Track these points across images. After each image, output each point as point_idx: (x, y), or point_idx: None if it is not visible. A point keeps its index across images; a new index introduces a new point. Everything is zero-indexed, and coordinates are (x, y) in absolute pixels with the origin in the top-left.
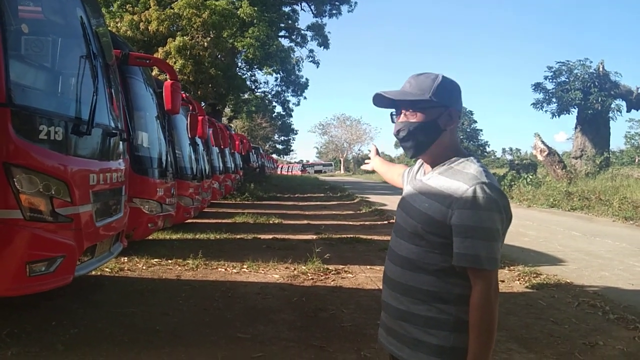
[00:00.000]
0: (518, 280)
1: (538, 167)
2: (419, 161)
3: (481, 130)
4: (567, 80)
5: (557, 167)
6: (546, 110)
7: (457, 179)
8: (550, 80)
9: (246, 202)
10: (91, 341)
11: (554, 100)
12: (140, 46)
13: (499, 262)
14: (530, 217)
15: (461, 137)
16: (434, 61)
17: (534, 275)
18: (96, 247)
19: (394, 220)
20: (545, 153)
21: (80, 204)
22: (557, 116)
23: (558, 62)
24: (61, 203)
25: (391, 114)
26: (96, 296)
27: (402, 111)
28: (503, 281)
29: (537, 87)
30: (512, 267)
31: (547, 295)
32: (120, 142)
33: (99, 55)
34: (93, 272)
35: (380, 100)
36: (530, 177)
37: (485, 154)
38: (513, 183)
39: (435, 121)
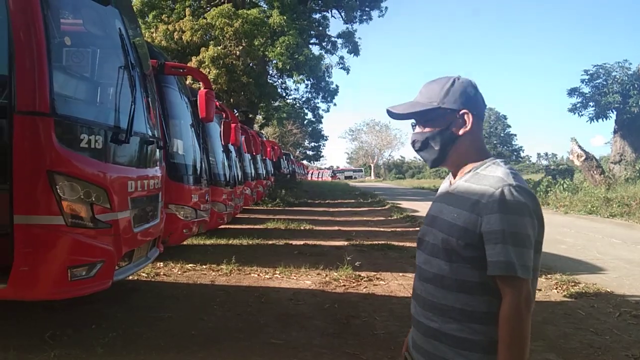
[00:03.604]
0: (555, 288)
1: (575, 173)
2: (448, 175)
3: (515, 135)
4: (604, 83)
5: (595, 172)
6: (582, 115)
7: (484, 183)
8: (587, 84)
9: (277, 208)
10: (129, 345)
11: (591, 104)
12: (175, 56)
13: (531, 271)
14: (567, 224)
15: (494, 142)
16: (466, 64)
17: (572, 283)
18: (134, 253)
19: None
20: (583, 158)
21: (119, 210)
22: (594, 120)
23: (595, 65)
24: (101, 209)
25: (412, 124)
26: (133, 300)
27: (417, 121)
28: (540, 289)
29: (573, 91)
30: (549, 275)
31: (586, 304)
32: (157, 150)
33: (137, 65)
34: (130, 277)
35: (395, 114)
36: (567, 182)
37: (520, 159)
38: (549, 189)
39: (448, 128)
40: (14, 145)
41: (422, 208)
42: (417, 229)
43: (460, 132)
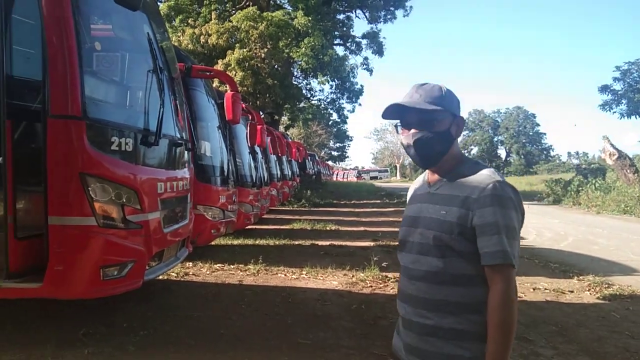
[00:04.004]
0: (588, 290)
1: (607, 172)
2: (417, 180)
3: (544, 133)
4: (637, 79)
5: (628, 171)
6: (614, 112)
7: (471, 180)
8: (619, 81)
9: (303, 209)
10: (159, 343)
11: (623, 101)
12: (201, 59)
13: (517, 261)
14: (599, 224)
15: (523, 140)
16: (491, 63)
17: (606, 285)
18: (164, 253)
19: None
20: (615, 157)
21: (150, 211)
22: (626, 117)
23: (627, 62)
24: (132, 210)
25: (396, 126)
26: (163, 300)
27: (414, 122)
28: (572, 291)
29: (605, 89)
30: (581, 277)
31: (621, 307)
32: (186, 152)
33: (165, 69)
34: (160, 277)
35: (390, 113)
36: (599, 182)
37: (550, 158)
38: (580, 188)
39: (448, 130)
40: (48, 148)
41: None
42: None
43: (456, 135)
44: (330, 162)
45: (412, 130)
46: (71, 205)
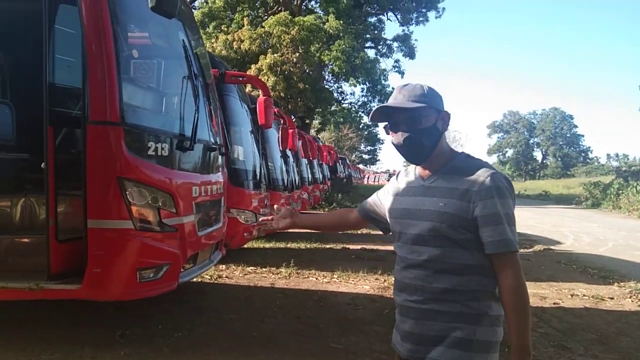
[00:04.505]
0: (630, 297)
1: None
2: (402, 171)
3: (582, 135)
4: None
5: None
6: None
7: (469, 173)
8: None
9: None
10: (194, 345)
11: None
12: (234, 64)
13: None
14: None
15: (560, 142)
16: (526, 63)
17: None
18: (198, 255)
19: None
20: None
21: (185, 214)
22: None
23: None
24: (167, 214)
25: (385, 127)
26: (198, 302)
27: (401, 121)
28: (612, 298)
29: None
30: (622, 283)
31: None
32: (219, 156)
33: (200, 75)
34: (195, 279)
35: (377, 116)
36: None
37: (588, 160)
38: (621, 192)
39: (435, 125)
40: (87, 154)
41: None
42: None
43: (442, 129)
44: (361, 166)
45: (400, 131)
46: (109, 208)
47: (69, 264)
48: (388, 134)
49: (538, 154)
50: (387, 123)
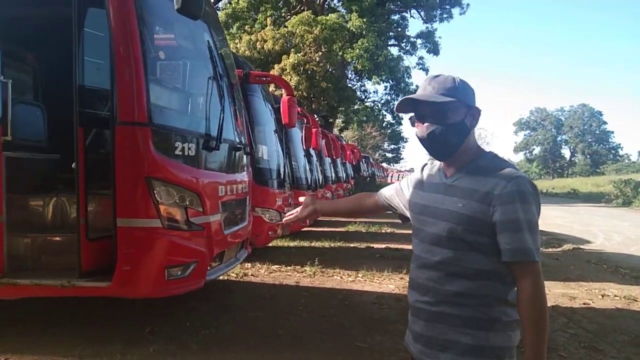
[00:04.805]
0: None
1: None
2: (428, 164)
3: (612, 132)
4: None
5: None
6: None
7: (492, 175)
8: None
9: None
10: (221, 343)
11: None
12: (258, 64)
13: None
14: None
15: (589, 139)
16: (553, 59)
17: None
18: (224, 254)
19: None
20: None
21: (211, 213)
22: None
23: None
24: (194, 213)
25: (410, 118)
26: (224, 300)
27: (427, 114)
28: None
29: None
30: None
31: None
32: (244, 156)
33: (225, 75)
34: (221, 277)
35: (403, 106)
36: None
37: (618, 157)
38: None
39: (463, 121)
40: (116, 154)
41: None
42: None
43: (471, 126)
44: (384, 164)
45: (426, 123)
46: (138, 207)
47: (99, 262)
48: (413, 125)
49: (566, 152)
50: (412, 114)
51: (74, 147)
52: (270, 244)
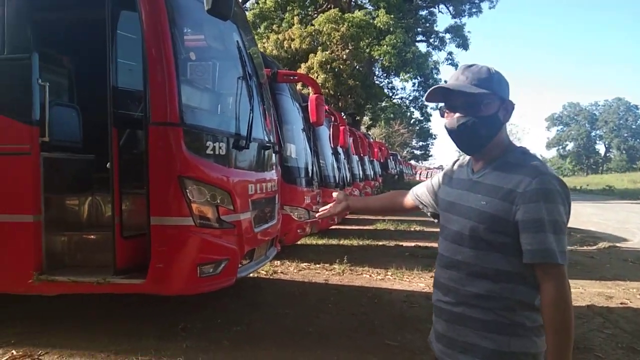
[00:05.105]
0: None
1: None
2: (458, 161)
3: None
4: None
5: None
6: None
7: (517, 172)
8: None
9: None
10: (251, 339)
11: None
12: (285, 63)
13: (567, 257)
14: None
15: (625, 134)
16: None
17: None
18: (254, 251)
19: None
20: None
21: (241, 211)
22: None
23: None
24: (225, 211)
25: (440, 108)
26: (254, 297)
27: (459, 105)
28: None
29: None
30: None
31: None
32: (273, 154)
33: (254, 75)
34: (251, 274)
35: (434, 96)
36: None
37: None
38: None
39: (496, 114)
40: (149, 154)
41: None
42: None
43: (504, 120)
44: (412, 162)
45: (457, 114)
46: (170, 206)
47: (133, 260)
48: (443, 116)
49: (600, 147)
50: (442, 105)
51: (109, 148)
52: (298, 242)
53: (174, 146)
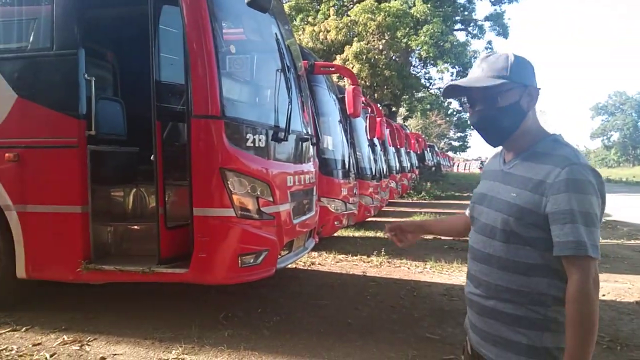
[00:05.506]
0: None
1: None
2: (494, 155)
3: None
4: None
5: None
6: None
7: (547, 162)
8: None
9: (423, 201)
10: (291, 329)
11: None
12: (320, 55)
13: (599, 251)
14: None
15: None
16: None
17: None
18: (293, 243)
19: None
20: None
21: (281, 203)
22: None
23: None
24: (265, 202)
25: (462, 103)
26: (293, 287)
27: (478, 98)
28: None
29: None
30: None
31: None
32: (311, 146)
33: (292, 67)
34: (290, 265)
35: (451, 92)
36: None
37: None
38: None
39: (518, 103)
40: (192, 146)
41: None
42: None
43: (528, 107)
44: (450, 153)
45: (477, 108)
46: (213, 197)
47: (176, 250)
48: (466, 111)
49: None
50: (465, 99)
51: (152, 140)
52: (335, 234)
53: (215, 138)
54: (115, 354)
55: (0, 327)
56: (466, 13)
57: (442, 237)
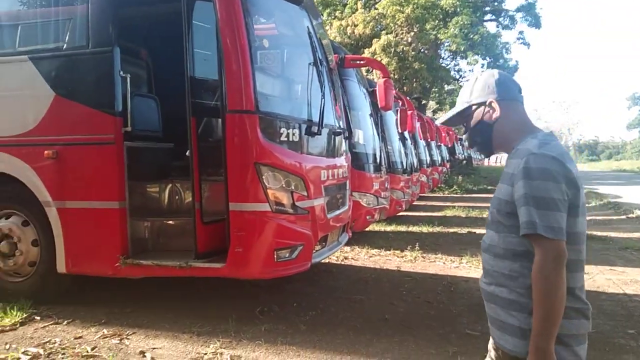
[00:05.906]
0: None
1: None
2: None
3: None
4: None
5: None
6: None
7: (517, 156)
8: None
9: (455, 195)
10: (328, 324)
11: None
12: (348, 49)
13: (560, 233)
14: None
15: None
16: None
17: None
18: (328, 237)
19: (633, 215)
20: None
21: (315, 197)
22: None
23: None
24: (300, 197)
25: (463, 125)
26: (328, 282)
27: (460, 122)
28: None
29: None
30: None
31: None
32: (344, 140)
33: (324, 61)
34: (323, 260)
35: (451, 123)
36: None
37: None
38: None
39: (482, 121)
40: (227, 141)
41: (625, 193)
42: (623, 217)
43: (492, 119)
44: None
45: (463, 130)
46: (248, 192)
47: (212, 245)
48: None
49: None
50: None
51: (188, 136)
52: (367, 229)
53: (250, 133)
54: (155, 348)
55: (43, 320)
56: (496, 3)
57: (477, 232)
